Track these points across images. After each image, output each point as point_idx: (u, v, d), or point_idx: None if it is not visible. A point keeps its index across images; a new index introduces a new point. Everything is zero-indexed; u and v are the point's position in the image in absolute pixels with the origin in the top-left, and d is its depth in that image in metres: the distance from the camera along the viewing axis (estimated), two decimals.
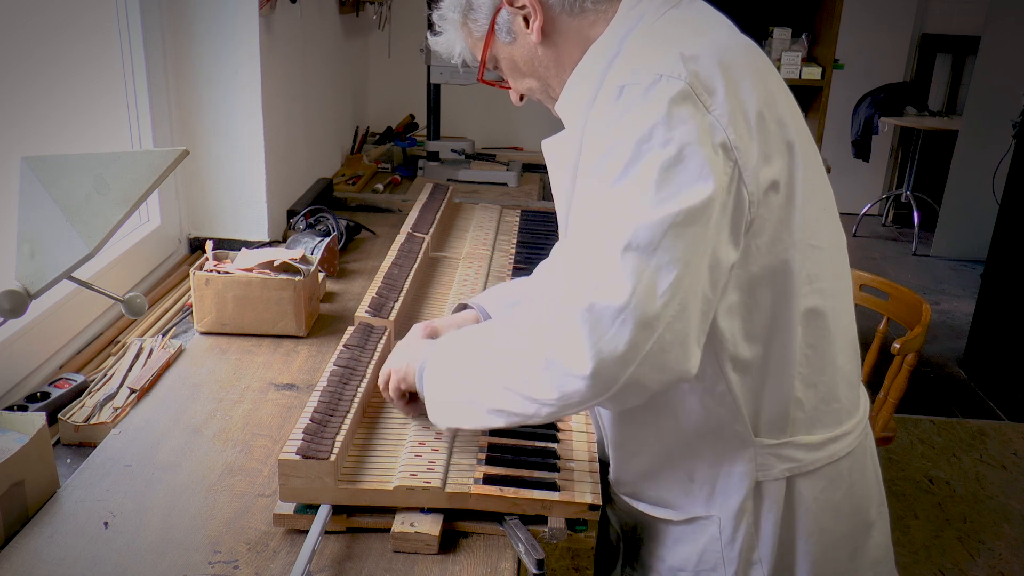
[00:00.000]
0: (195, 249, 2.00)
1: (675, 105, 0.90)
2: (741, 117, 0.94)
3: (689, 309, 0.89)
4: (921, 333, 2.08)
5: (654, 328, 0.87)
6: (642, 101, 0.91)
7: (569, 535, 1.05)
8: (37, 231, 1.06)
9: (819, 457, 1.08)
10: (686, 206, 0.88)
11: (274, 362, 1.47)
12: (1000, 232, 3.78)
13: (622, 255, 0.87)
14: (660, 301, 0.87)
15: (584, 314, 0.87)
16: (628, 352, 0.86)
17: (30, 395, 1.30)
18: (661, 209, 0.88)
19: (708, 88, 0.93)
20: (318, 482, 1.02)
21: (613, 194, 0.91)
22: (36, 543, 1.00)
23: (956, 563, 2.60)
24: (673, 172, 0.88)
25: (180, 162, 1.12)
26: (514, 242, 2.00)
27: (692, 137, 0.89)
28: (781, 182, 0.97)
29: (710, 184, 0.89)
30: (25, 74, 1.44)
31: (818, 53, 3.72)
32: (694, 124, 0.90)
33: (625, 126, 0.91)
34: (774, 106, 1.00)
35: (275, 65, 1.99)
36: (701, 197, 0.88)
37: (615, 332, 0.86)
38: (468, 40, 1.17)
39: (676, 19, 1.04)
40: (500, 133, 3.33)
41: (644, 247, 0.87)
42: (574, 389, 0.90)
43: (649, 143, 0.89)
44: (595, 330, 0.87)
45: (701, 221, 0.89)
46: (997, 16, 4.89)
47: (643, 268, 0.87)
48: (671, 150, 0.89)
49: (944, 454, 3.19)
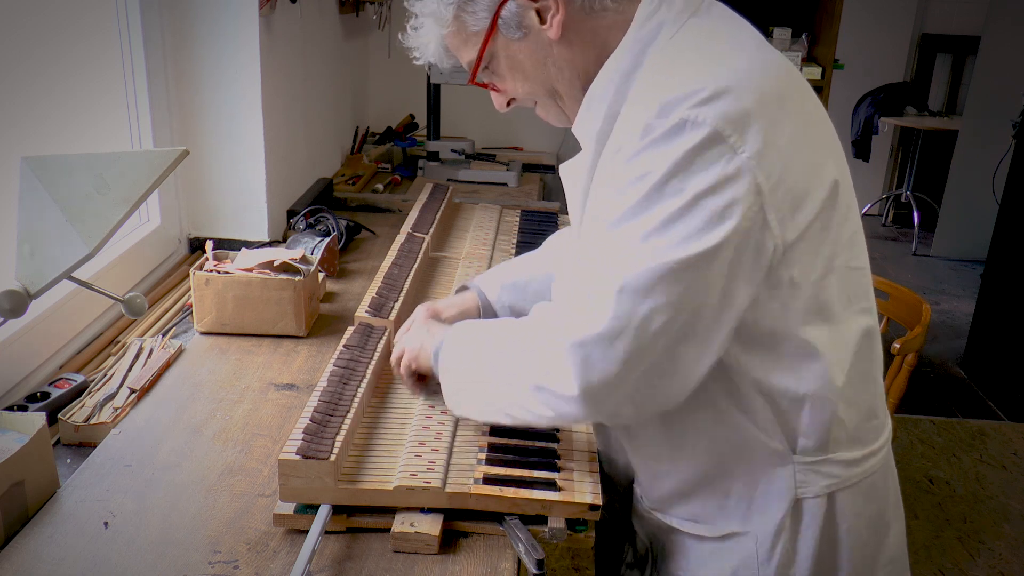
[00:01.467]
0: (195, 249, 2.00)
1: (696, 153, 0.88)
2: (775, 155, 0.90)
3: (680, 349, 0.90)
4: (921, 333, 2.08)
5: (639, 364, 0.90)
6: (663, 145, 0.89)
7: (569, 535, 1.05)
8: (37, 231, 1.06)
9: (857, 472, 1.05)
10: (687, 255, 0.87)
11: (274, 362, 1.47)
12: (1000, 232, 3.78)
13: (616, 295, 0.89)
14: (648, 340, 0.89)
15: (574, 347, 0.91)
16: (614, 383, 0.91)
17: (30, 395, 1.30)
18: (661, 255, 0.88)
19: (739, 126, 0.88)
20: (318, 482, 1.02)
21: (617, 234, 0.91)
22: (36, 543, 1.00)
23: (956, 563, 2.60)
24: (680, 222, 0.88)
25: (180, 162, 1.12)
26: (514, 242, 2.00)
27: (707, 186, 0.87)
28: (819, 214, 0.94)
29: (719, 233, 0.87)
30: (25, 74, 1.44)
31: (818, 53, 3.72)
32: (715, 172, 0.87)
33: (641, 167, 0.90)
34: (813, 133, 0.96)
35: (275, 65, 1.99)
36: (706, 246, 0.87)
37: (603, 366, 0.90)
38: (456, 36, 1.06)
39: (701, 31, 0.98)
40: (500, 133, 3.33)
41: (638, 290, 0.88)
42: (566, 411, 0.96)
43: (661, 191, 0.88)
44: (585, 362, 0.90)
45: (703, 267, 0.88)
46: (997, 16, 4.89)
47: (635, 310, 0.88)
48: (682, 199, 0.87)
49: (944, 454, 3.19)
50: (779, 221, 0.91)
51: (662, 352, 0.90)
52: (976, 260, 4.96)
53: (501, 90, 1.11)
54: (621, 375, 0.90)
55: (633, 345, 0.89)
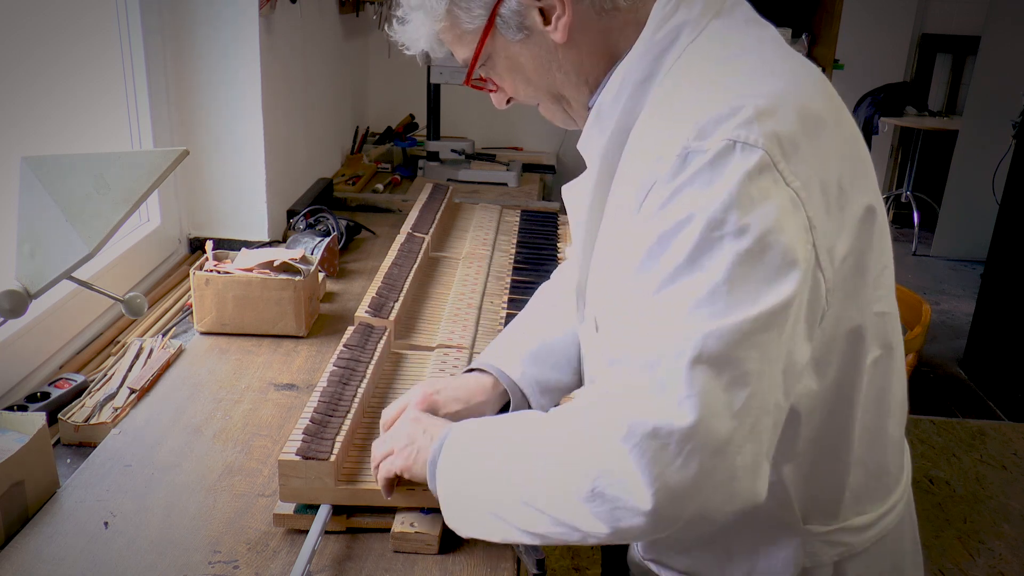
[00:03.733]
0: (195, 249, 2.00)
1: (752, 180, 0.74)
2: (819, 185, 0.78)
3: (761, 426, 0.75)
4: (921, 333, 2.08)
5: (725, 454, 0.73)
6: (710, 174, 0.75)
7: None
8: (37, 231, 1.06)
9: (869, 537, 0.97)
10: (765, 308, 0.73)
11: (274, 362, 1.47)
12: (1000, 232, 3.78)
13: (689, 369, 0.72)
14: (733, 423, 0.73)
15: (643, 439, 0.73)
16: (696, 484, 0.73)
17: (30, 395, 1.30)
18: (736, 313, 0.73)
19: (788, 153, 0.76)
20: (318, 482, 1.02)
21: (675, 293, 0.75)
22: (36, 543, 1.00)
23: (956, 563, 2.59)
24: (750, 267, 0.73)
25: (180, 162, 1.12)
26: (514, 242, 2.00)
27: (772, 221, 0.74)
28: (851, 253, 0.83)
29: (793, 278, 0.74)
30: (25, 74, 1.44)
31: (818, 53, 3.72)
32: (774, 203, 0.75)
33: (686, 206, 0.75)
34: (856, 154, 0.86)
35: (275, 65, 1.99)
36: (782, 297, 0.74)
37: (682, 462, 0.72)
38: (450, 33, 0.96)
39: (725, 39, 0.88)
40: (500, 133, 3.33)
41: (715, 360, 0.72)
42: (630, 525, 0.75)
43: (721, 230, 0.73)
44: (657, 459, 0.72)
45: (779, 323, 0.74)
46: (997, 16, 4.89)
47: (714, 385, 0.72)
48: (748, 240, 0.73)
49: (944, 454, 3.19)
50: (829, 262, 0.80)
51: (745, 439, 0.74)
52: (976, 260, 4.96)
53: (500, 89, 1.03)
54: (704, 472, 0.73)
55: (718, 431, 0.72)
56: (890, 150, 5.95)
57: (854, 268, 0.84)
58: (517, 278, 1.77)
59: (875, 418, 0.95)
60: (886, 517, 0.99)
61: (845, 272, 0.83)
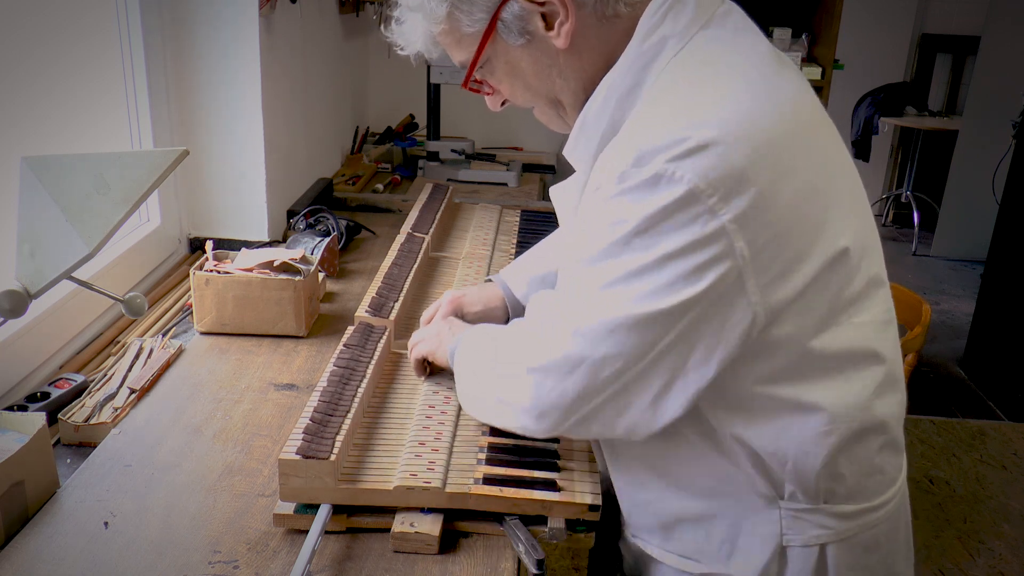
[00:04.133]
0: (195, 249, 2.00)
1: (670, 212, 0.82)
2: (767, 216, 0.83)
3: (632, 396, 0.91)
4: (921, 333, 2.08)
5: (590, 400, 0.92)
6: (636, 196, 0.83)
7: (569, 535, 1.05)
8: (37, 231, 1.06)
9: (853, 526, 0.99)
10: (645, 311, 0.85)
11: (274, 362, 1.47)
12: (1000, 232, 3.78)
13: (572, 336, 0.90)
14: (599, 383, 0.90)
15: (530, 372, 0.95)
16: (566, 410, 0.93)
17: (30, 395, 1.30)
18: (618, 307, 0.86)
19: (721, 186, 0.81)
20: (318, 482, 1.02)
21: (586, 272, 0.90)
22: (36, 543, 1.00)
23: (956, 563, 2.59)
24: (643, 278, 0.85)
25: (180, 162, 1.12)
26: (514, 242, 2.00)
27: (675, 247, 0.83)
28: (816, 277, 0.87)
29: (683, 295, 0.84)
30: (25, 74, 1.44)
31: (818, 53, 3.72)
32: (688, 233, 0.82)
33: (615, 213, 0.85)
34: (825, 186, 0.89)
35: (275, 65, 1.99)
36: (666, 305, 0.84)
37: (555, 394, 0.93)
38: (449, 36, 0.97)
39: (706, 53, 0.90)
40: (500, 133, 3.33)
41: (592, 336, 0.89)
42: (524, 424, 0.99)
43: (629, 243, 0.84)
44: (539, 386, 0.94)
45: (662, 324, 0.85)
46: (997, 16, 4.89)
47: (587, 354, 0.89)
48: (648, 257, 0.84)
49: (944, 454, 3.19)
50: (762, 287, 0.85)
51: (612, 396, 0.91)
52: (976, 260, 4.96)
53: (496, 92, 1.04)
54: (572, 405, 0.93)
55: (584, 383, 0.91)
56: (890, 150, 5.96)
57: (818, 291, 0.88)
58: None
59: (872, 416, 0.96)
60: (872, 513, 1.00)
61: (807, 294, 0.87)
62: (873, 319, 0.95)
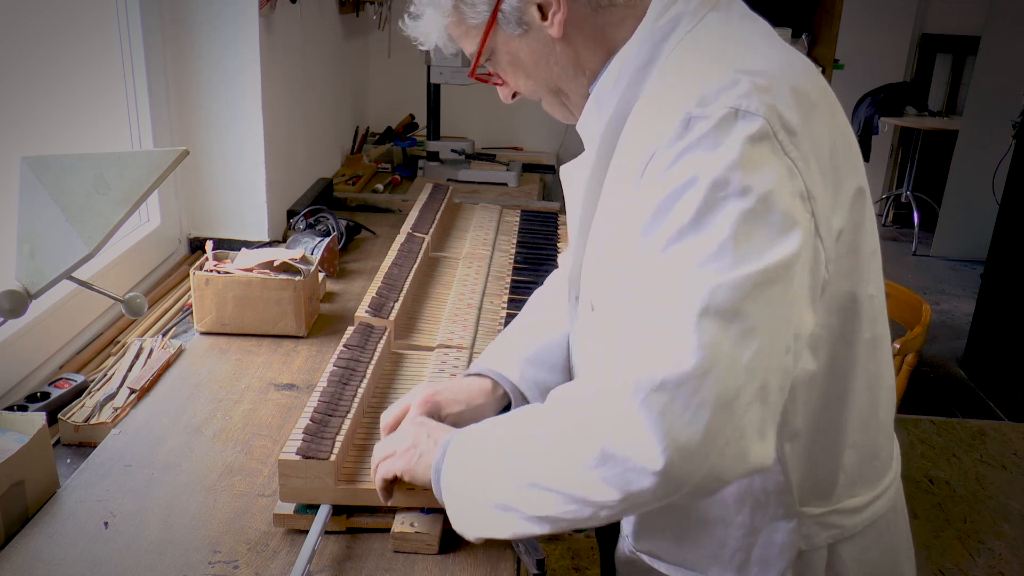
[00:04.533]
0: (195, 249, 2.00)
1: (753, 146, 0.77)
2: (815, 160, 0.82)
3: (770, 385, 0.75)
4: (921, 333, 2.08)
5: (733, 410, 0.72)
6: (714, 139, 0.77)
7: (569, 535, 1.04)
8: (37, 231, 1.06)
9: (861, 520, 0.99)
10: (769, 263, 0.75)
11: (274, 362, 1.47)
12: (1000, 232, 3.78)
13: (698, 320, 0.72)
14: (742, 378, 0.73)
15: (651, 394, 0.72)
16: (706, 439, 0.72)
17: (30, 395, 1.30)
18: (743, 267, 0.74)
19: (786, 126, 0.79)
20: (318, 482, 1.02)
21: (681, 250, 0.76)
22: (36, 543, 1.00)
23: (956, 563, 2.59)
24: (754, 224, 0.75)
25: (180, 162, 1.12)
26: (514, 242, 2.00)
27: (773, 183, 0.77)
28: (846, 230, 0.86)
29: (795, 238, 0.76)
30: (25, 74, 1.44)
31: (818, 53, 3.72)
32: (774, 168, 0.77)
33: (689, 169, 0.77)
34: (846, 140, 0.89)
35: (275, 65, 1.99)
36: (785, 253, 0.75)
37: (691, 416, 0.71)
38: (457, 28, 1.00)
39: (722, 28, 0.91)
40: (500, 133, 3.33)
41: (724, 312, 0.73)
42: (641, 488, 0.74)
43: (725, 190, 0.75)
44: (666, 413, 0.71)
45: (784, 280, 0.76)
46: (997, 16, 4.89)
47: (722, 337, 0.72)
48: (751, 199, 0.75)
49: (944, 454, 3.19)
50: (827, 232, 0.83)
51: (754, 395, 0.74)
52: (976, 260, 4.96)
53: (503, 83, 1.05)
54: (714, 428, 0.71)
55: (727, 383, 0.72)
56: (890, 150, 5.96)
57: (849, 245, 0.87)
58: (517, 278, 1.77)
59: (868, 402, 0.97)
60: (878, 501, 1.01)
61: (841, 247, 0.86)
62: (877, 295, 0.95)
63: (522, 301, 1.33)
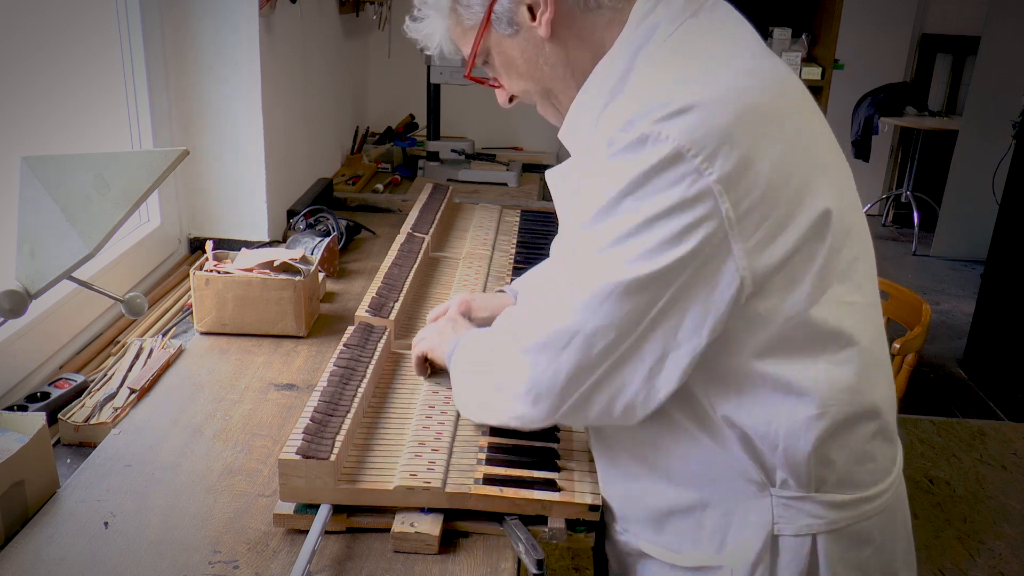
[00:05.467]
0: (195, 249, 2.00)
1: (655, 172, 0.84)
2: (752, 178, 0.85)
3: (625, 372, 0.91)
4: (921, 333, 2.08)
5: (584, 379, 0.92)
6: (624, 158, 0.86)
7: (569, 535, 1.05)
8: (37, 231, 1.06)
9: (845, 516, 0.99)
10: (634, 276, 0.86)
11: (274, 362, 1.47)
12: (1000, 232, 3.78)
13: (566, 310, 0.91)
14: (592, 359, 0.90)
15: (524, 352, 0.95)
16: (561, 391, 0.93)
17: (30, 395, 1.30)
18: (609, 273, 0.87)
19: (707, 146, 0.83)
20: (318, 482, 1.02)
21: (578, 242, 0.92)
22: (36, 543, 1.00)
23: (956, 563, 2.59)
24: (631, 241, 0.86)
25: (180, 162, 1.12)
26: (514, 242, 2.00)
27: (662, 208, 0.85)
28: (802, 244, 0.89)
29: (671, 256, 0.85)
30: (25, 74, 1.44)
31: (818, 53, 3.72)
32: (674, 193, 0.84)
33: (605, 177, 0.89)
34: (806, 155, 0.91)
35: (275, 65, 1.99)
36: (655, 268, 0.86)
37: (549, 374, 0.93)
38: (455, 29, 1.05)
39: (696, 36, 0.94)
40: (500, 133, 3.33)
41: (584, 308, 0.89)
42: (521, 411, 0.98)
43: (617, 206, 0.87)
44: (534, 366, 0.94)
45: (652, 290, 0.87)
46: (997, 16, 4.89)
47: (579, 327, 0.90)
48: (636, 219, 0.86)
49: (944, 454, 3.19)
50: (747, 252, 0.86)
51: (607, 372, 0.91)
52: (976, 260, 4.96)
53: (500, 86, 1.09)
54: (567, 386, 0.93)
55: (578, 359, 0.91)
56: (890, 150, 5.96)
57: (803, 261, 0.90)
58: (517, 278, 1.77)
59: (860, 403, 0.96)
60: (868, 503, 1.00)
61: (797, 263, 0.89)
62: (859, 300, 0.96)
63: None
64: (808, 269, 0.90)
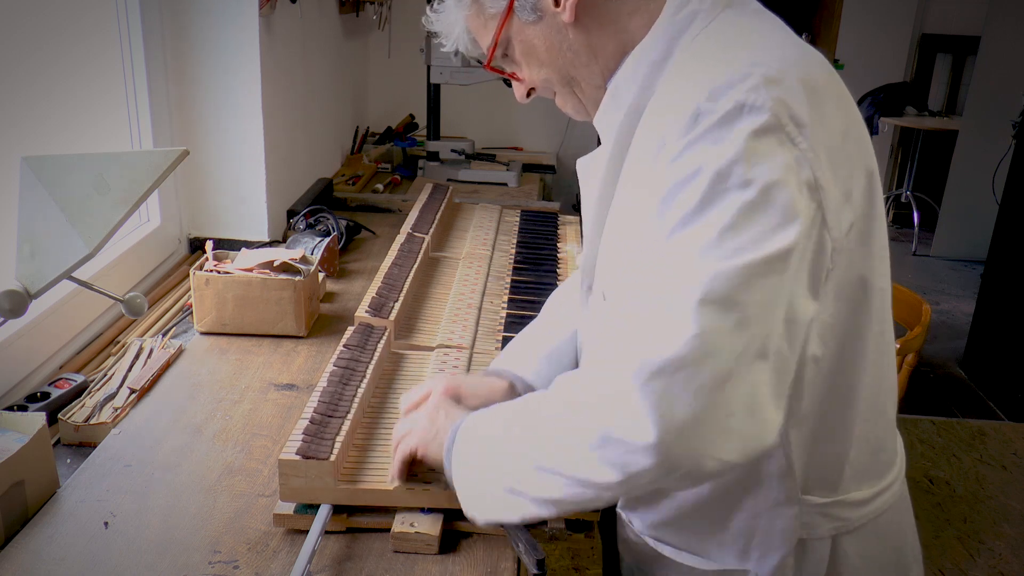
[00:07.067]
0: (195, 249, 2.00)
1: (757, 139, 0.79)
2: (825, 151, 0.83)
3: (759, 375, 0.78)
4: (921, 333, 2.08)
5: (729, 394, 0.76)
6: (719, 132, 0.80)
7: (569, 535, 1.05)
8: (37, 231, 1.06)
9: (865, 513, 0.99)
10: (766, 253, 0.77)
11: (274, 362, 1.47)
12: (1000, 232, 3.78)
13: (697, 309, 0.76)
14: (734, 362, 0.76)
15: (650, 378, 0.75)
16: (700, 420, 0.75)
17: (30, 395, 1.30)
18: (739, 257, 0.77)
19: (796, 119, 0.81)
20: (318, 482, 1.02)
21: (682, 239, 0.79)
22: (36, 543, 1.00)
23: (956, 563, 2.59)
24: (753, 216, 0.78)
25: (180, 162, 1.12)
26: (514, 242, 2.00)
27: (776, 176, 0.79)
28: (858, 220, 0.87)
29: (793, 229, 0.78)
30: (25, 74, 1.44)
31: None
32: (779, 160, 0.79)
33: (694, 161, 0.80)
34: (857, 129, 0.91)
35: (275, 65, 1.99)
36: (782, 244, 0.78)
37: (687, 398, 0.75)
38: (476, 19, 1.02)
39: (736, 23, 0.93)
40: (500, 133, 3.33)
41: (721, 300, 0.76)
42: (639, 469, 0.77)
43: (726, 183, 0.78)
44: (664, 397, 0.75)
45: (779, 270, 0.78)
46: (997, 16, 4.89)
47: (719, 324, 0.76)
48: (751, 191, 0.78)
49: (944, 454, 3.19)
50: (836, 223, 0.84)
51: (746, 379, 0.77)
52: (976, 260, 4.96)
53: (519, 79, 1.06)
54: (708, 410, 0.75)
55: (722, 369, 0.75)
56: (890, 150, 5.96)
57: (860, 235, 0.88)
58: (517, 278, 1.77)
59: (874, 395, 0.97)
60: (883, 495, 1.01)
61: (852, 237, 0.87)
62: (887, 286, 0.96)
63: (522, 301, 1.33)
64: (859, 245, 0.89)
